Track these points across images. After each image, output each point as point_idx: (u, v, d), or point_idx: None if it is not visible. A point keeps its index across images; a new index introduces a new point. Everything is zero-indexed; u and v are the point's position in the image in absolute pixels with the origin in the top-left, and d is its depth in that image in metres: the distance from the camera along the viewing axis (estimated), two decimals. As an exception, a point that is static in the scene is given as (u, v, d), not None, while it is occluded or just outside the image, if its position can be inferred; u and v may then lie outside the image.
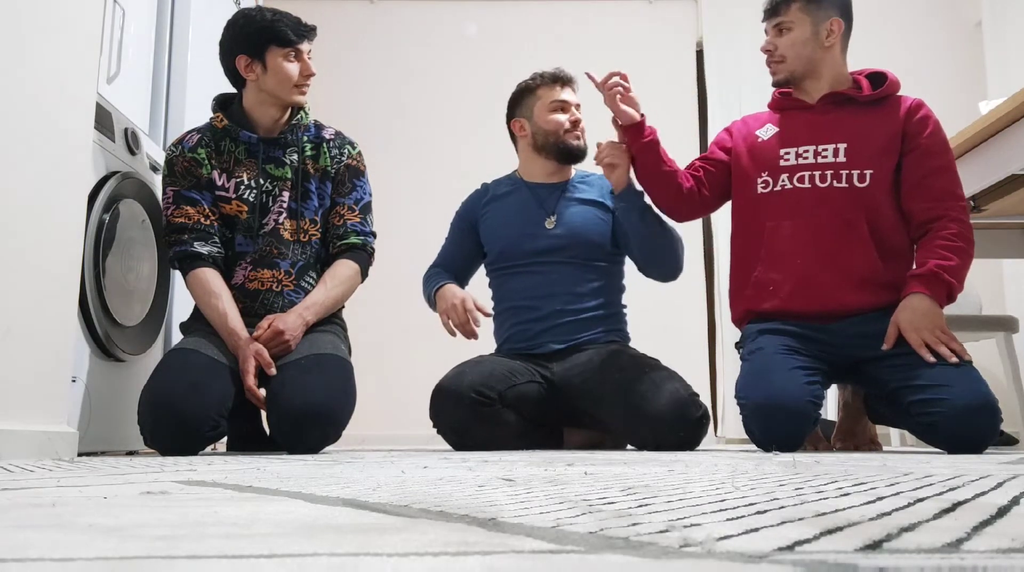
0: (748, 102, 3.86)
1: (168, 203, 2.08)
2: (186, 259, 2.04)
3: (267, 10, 2.09)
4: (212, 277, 2.03)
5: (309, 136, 2.17)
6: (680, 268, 2.35)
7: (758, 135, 2.12)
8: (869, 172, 1.98)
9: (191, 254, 2.04)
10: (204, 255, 2.04)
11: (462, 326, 2.26)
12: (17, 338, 1.50)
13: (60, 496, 0.72)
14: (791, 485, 0.78)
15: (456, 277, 2.44)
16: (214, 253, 2.06)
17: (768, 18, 2.11)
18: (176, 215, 2.06)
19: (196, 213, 2.06)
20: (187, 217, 2.05)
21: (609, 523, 0.49)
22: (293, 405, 1.88)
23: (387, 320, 3.94)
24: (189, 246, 2.04)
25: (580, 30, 4.33)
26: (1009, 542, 0.41)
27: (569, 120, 2.40)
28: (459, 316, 2.26)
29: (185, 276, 2.06)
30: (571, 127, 2.40)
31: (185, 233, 2.05)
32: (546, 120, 2.40)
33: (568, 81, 2.42)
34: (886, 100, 2.05)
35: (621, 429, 2.19)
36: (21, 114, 1.54)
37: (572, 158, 2.42)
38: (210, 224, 2.07)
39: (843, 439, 2.15)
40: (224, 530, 0.47)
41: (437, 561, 0.37)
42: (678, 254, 2.32)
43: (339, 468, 1.18)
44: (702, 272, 4.16)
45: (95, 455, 1.96)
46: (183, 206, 2.06)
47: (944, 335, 1.85)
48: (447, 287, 2.35)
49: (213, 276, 2.04)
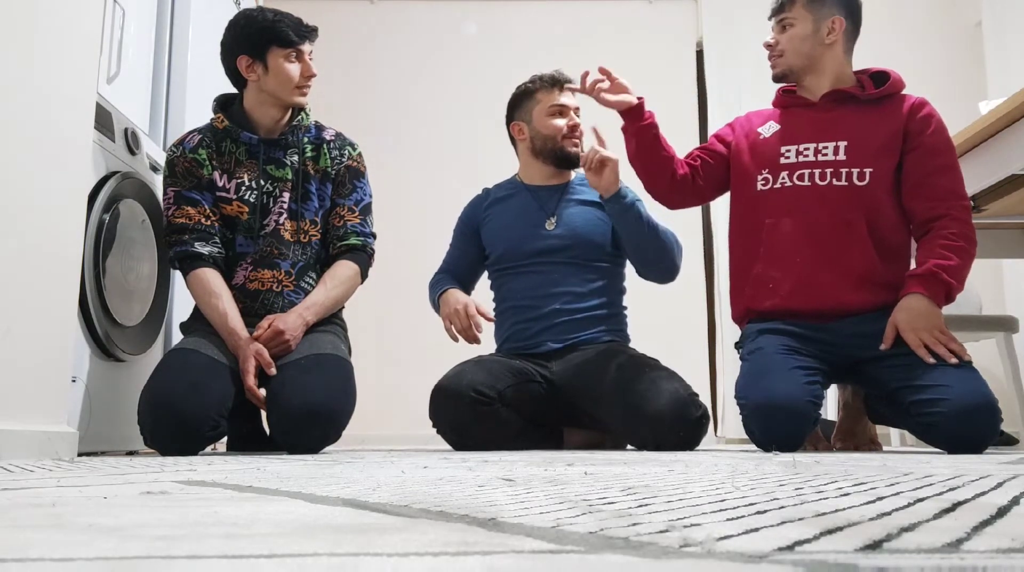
0: (748, 102, 3.85)
1: (169, 203, 2.08)
2: (187, 259, 2.04)
3: (269, 11, 2.09)
4: (212, 277, 2.04)
5: (310, 137, 2.17)
6: (676, 270, 2.35)
7: (760, 132, 2.13)
8: (869, 170, 1.98)
9: (192, 254, 2.04)
10: (205, 255, 2.04)
11: (465, 332, 2.27)
12: (17, 338, 1.50)
13: (60, 496, 0.72)
14: (791, 485, 0.78)
15: (461, 283, 2.45)
16: (215, 253, 2.06)
17: (773, 15, 2.12)
18: (177, 215, 2.06)
19: (197, 213, 2.06)
20: (188, 217, 2.05)
21: (609, 523, 0.49)
22: (293, 405, 1.88)
23: (387, 320, 3.94)
24: (190, 246, 2.04)
25: (580, 30, 4.33)
26: (1009, 542, 0.41)
27: (567, 125, 2.39)
28: (462, 321, 2.27)
29: (185, 276, 2.06)
30: (568, 132, 2.39)
31: (186, 233, 2.05)
32: (544, 125, 2.40)
33: (567, 84, 2.41)
34: (889, 99, 2.05)
35: (621, 429, 2.19)
36: (21, 114, 1.54)
37: (569, 164, 2.42)
38: (211, 225, 2.07)
39: (843, 439, 2.15)
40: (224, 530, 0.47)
41: (437, 561, 0.37)
42: (674, 256, 2.32)
43: (339, 468, 1.18)
44: (702, 272, 4.16)
45: (95, 455, 1.96)
46: (184, 206, 2.06)
47: (943, 335, 1.85)
48: (451, 292, 2.36)
49: (213, 276, 2.04)
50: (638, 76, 2.25)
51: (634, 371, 2.16)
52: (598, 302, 2.36)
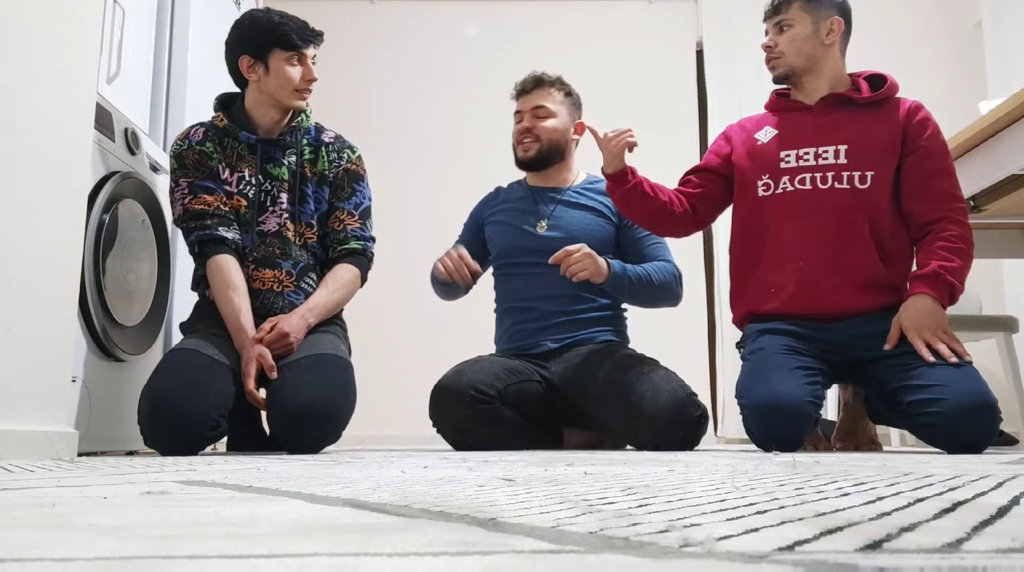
0: (748, 102, 3.86)
1: (184, 194, 2.06)
2: (209, 242, 2.02)
3: (276, 12, 2.09)
4: (233, 267, 2.02)
5: (308, 139, 2.17)
6: (679, 299, 2.39)
7: (757, 138, 2.12)
8: (870, 173, 1.98)
9: (215, 238, 2.02)
10: (228, 240, 2.03)
11: (456, 270, 2.29)
12: (17, 338, 1.50)
13: (60, 496, 0.72)
14: (791, 485, 0.78)
15: None
16: (236, 239, 2.05)
17: (769, 17, 2.11)
18: (195, 203, 2.04)
19: (215, 200, 2.05)
20: (207, 204, 2.04)
21: (609, 523, 0.49)
22: (293, 405, 1.88)
23: (387, 320, 3.94)
24: (214, 230, 2.02)
25: (580, 30, 4.33)
26: (1009, 542, 0.41)
27: (516, 131, 2.46)
28: (453, 261, 2.29)
29: (206, 261, 2.03)
30: (517, 140, 2.45)
31: (207, 218, 2.03)
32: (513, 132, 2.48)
33: (524, 91, 2.46)
34: (885, 102, 2.05)
35: (620, 429, 2.20)
36: (21, 114, 1.54)
37: (523, 167, 2.47)
38: (229, 210, 2.07)
39: (843, 439, 2.15)
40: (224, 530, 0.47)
41: (437, 561, 0.37)
42: (675, 293, 2.36)
43: (339, 468, 1.18)
44: (702, 272, 4.16)
45: (95, 455, 1.96)
46: (200, 194, 2.05)
47: (945, 335, 1.85)
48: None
49: (234, 265, 2.03)
50: (638, 76, 2.25)
51: (633, 371, 2.16)
52: (596, 303, 2.37)
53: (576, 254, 2.16)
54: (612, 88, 3.90)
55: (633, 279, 2.25)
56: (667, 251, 2.40)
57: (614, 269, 2.22)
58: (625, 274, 2.24)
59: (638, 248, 2.38)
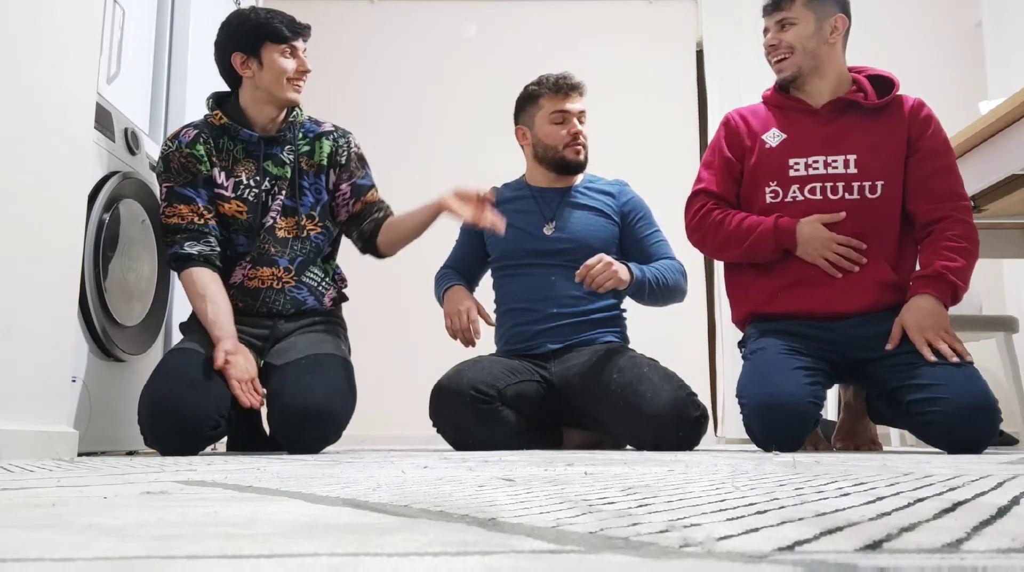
0: (748, 102, 3.84)
1: (162, 201, 2.08)
2: (178, 260, 2.04)
3: (261, 9, 2.09)
4: (200, 276, 2.02)
5: (304, 132, 2.17)
6: (685, 295, 2.39)
7: (765, 140, 2.07)
8: (880, 183, 1.96)
9: (181, 255, 2.03)
10: (194, 255, 2.03)
11: (462, 333, 2.27)
12: (17, 338, 1.50)
13: (60, 496, 0.72)
14: (791, 485, 0.78)
15: (466, 279, 2.46)
16: (205, 252, 2.05)
17: (770, 13, 2.06)
18: (169, 215, 2.05)
19: (190, 212, 2.05)
20: (180, 217, 2.05)
21: (609, 523, 0.49)
22: (293, 405, 1.88)
23: (387, 320, 3.94)
24: (179, 247, 2.03)
25: (580, 30, 4.32)
26: (1009, 542, 0.41)
27: (569, 133, 2.36)
28: (461, 323, 2.28)
29: (180, 274, 2.07)
30: (571, 140, 2.36)
31: (178, 233, 2.04)
32: (546, 132, 2.37)
33: (572, 89, 2.37)
34: (889, 103, 2.03)
35: (620, 429, 2.19)
36: (21, 114, 1.54)
37: (570, 171, 2.41)
38: (204, 223, 2.06)
39: (843, 439, 2.15)
40: (224, 530, 0.47)
41: (437, 561, 0.37)
42: (684, 290, 2.37)
43: (339, 468, 1.18)
44: (702, 272, 4.16)
45: (95, 455, 1.96)
46: (175, 205, 2.05)
47: (947, 335, 1.85)
48: (456, 289, 2.37)
49: (201, 275, 2.02)
50: (638, 76, 2.25)
51: (633, 371, 2.16)
52: (597, 305, 2.36)
53: (597, 266, 2.14)
54: (612, 88, 3.89)
55: (652, 282, 2.25)
56: (670, 248, 2.39)
57: (635, 275, 2.21)
58: (645, 278, 2.24)
59: (642, 247, 2.38)
